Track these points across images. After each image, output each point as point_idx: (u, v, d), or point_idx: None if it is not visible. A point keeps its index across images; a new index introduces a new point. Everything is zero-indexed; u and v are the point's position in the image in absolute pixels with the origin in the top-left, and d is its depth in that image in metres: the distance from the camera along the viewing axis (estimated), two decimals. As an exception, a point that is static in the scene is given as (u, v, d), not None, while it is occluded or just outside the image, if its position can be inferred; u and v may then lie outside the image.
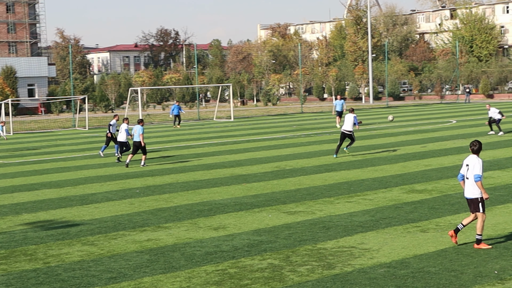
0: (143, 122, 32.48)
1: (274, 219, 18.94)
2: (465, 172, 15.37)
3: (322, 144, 39.52)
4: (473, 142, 15.50)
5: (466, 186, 15.34)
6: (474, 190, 15.19)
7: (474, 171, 15.11)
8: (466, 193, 15.36)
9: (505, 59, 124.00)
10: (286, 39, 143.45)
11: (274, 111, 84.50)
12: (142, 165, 31.84)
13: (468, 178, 15.28)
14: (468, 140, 37.98)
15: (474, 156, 15.36)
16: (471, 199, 15.26)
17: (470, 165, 15.26)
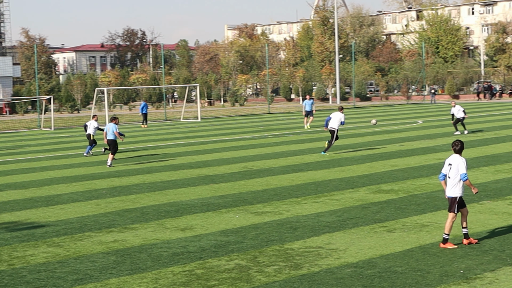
0: (116, 120, 32.54)
1: (241, 220, 18.93)
2: (447, 171, 15.45)
3: (290, 145, 39.59)
4: (455, 142, 15.60)
5: (448, 185, 15.43)
6: (455, 189, 15.30)
7: (460, 170, 15.21)
8: (447, 192, 15.45)
9: (470, 60, 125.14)
10: (253, 40, 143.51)
11: (241, 112, 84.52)
12: (109, 165, 31.72)
13: (450, 177, 15.36)
14: (435, 141, 38.29)
15: (457, 156, 15.47)
16: (449, 197, 15.38)
17: (453, 165, 15.34)
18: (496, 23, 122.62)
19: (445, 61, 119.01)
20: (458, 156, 15.43)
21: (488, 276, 13.06)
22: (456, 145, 15.53)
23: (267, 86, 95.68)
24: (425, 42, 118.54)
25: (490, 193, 21.78)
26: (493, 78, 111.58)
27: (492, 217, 18.18)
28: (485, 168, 27.25)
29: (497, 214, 18.51)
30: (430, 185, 23.75)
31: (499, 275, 13.07)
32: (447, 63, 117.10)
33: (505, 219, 17.80)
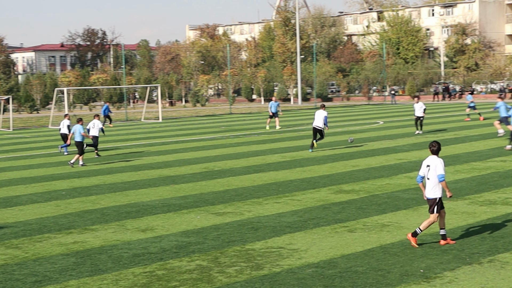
0: (82, 121, 32.66)
1: (202, 220, 18.90)
2: (425, 173, 15.50)
3: (251, 145, 39.61)
4: (432, 143, 15.70)
5: (427, 186, 15.48)
6: (435, 190, 15.36)
7: (438, 171, 15.28)
8: (426, 193, 15.50)
9: (430, 61, 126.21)
10: (214, 40, 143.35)
11: (202, 112, 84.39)
12: (70, 163, 31.67)
13: (429, 178, 15.41)
14: (396, 141, 38.54)
15: (434, 157, 15.54)
16: (429, 199, 15.44)
17: (431, 166, 15.40)
18: (456, 25, 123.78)
19: (406, 62, 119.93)
20: (436, 157, 15.52)
21: (448, 275, 13.18)
22: (433, 146, 15.63)
23: (228, 86, 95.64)
24: (386, 43, 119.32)
25: (450, 193, 21.95)
26: (453, 79, 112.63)
27: (451, 217, 18.34)
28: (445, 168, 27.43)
29: (456, 214, 18.68)
30: (391, 185, 23.91)
31: (458, 274, 13.20)
32: (407, 64, 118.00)
33: (464, 219, 17.97)
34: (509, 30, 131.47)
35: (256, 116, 73.54)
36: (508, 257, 14.22)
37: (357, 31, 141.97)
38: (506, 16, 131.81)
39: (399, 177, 25.77)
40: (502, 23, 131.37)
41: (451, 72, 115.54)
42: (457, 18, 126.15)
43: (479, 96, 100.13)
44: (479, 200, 20.55)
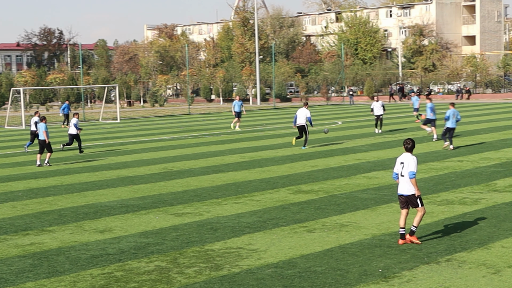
0: (45, 119, 32.58)
1: (161, 221, 18.84)
2: (399, 170, 15.68)
3: (210, 146, 39.56)
4: (406, 141, 15.86)
5: (401, 183, 15.66)
6: (410, 187, 15.54)
7: (409, 168, 15.44)
8: (401, 190, 15.68)
9: (388, 62, 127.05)
10: (173, 40, 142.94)
11: (161, 112, 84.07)
12: (46, 163, 31.95)
13: (403, 175, 15.59)
14: (354, 141, 38.75)
15: (408, 154, 15.73)
16: (408, 196, 15.59)
17: (405, 163, 15.59)
18: (413, 26, 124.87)
19: (364, 63, 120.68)
20: (410, 154, 15.71)
21: (406, 274, 13.28)
22: (407, 143, 15.82)
23: (187, 86, 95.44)
24: (344, 43, 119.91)
25: (408, 193, 22.13)
26: (410, 79, 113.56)
27: (410, 216, 18.42)
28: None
29: (414, 214, 18.72)
30: (350, 185, 24.03)
31: (416, 274, 13.31)
32: (366, 65, 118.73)
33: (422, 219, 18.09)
34: (465, 32, 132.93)
35: (215, 116, 73.46)
36: (465, 256, 14.37)
37: (316, 32, 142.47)
38: (462, 17, 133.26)
39: (357, 177, 25.91)
40: (459, 24, 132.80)
41: (408, 73, 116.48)
42: (415, 19, 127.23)
43: (436, 97, 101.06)
44: (437, 200, 20.74)
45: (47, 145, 32.06)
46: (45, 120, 32.58)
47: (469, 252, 14.73)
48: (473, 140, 37.57)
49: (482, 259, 14.13)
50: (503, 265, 13.71)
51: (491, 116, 57.39)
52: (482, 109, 69.47)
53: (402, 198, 15.69)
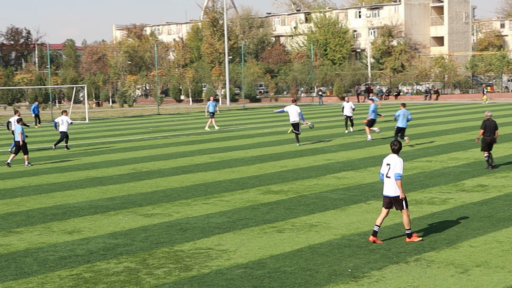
0: (22, 121, 32.55)
1: (130, 222, 18.77)
2: (385, 171, 15.76)
3: (179, 146, 39.47)
4: (393, 142, 16.00)
5: (387, 184, 15.74)
6: (396, 188, 15.63)
7: (395, 170, 15.51)
8: (386, 191, 15.76)
9: (357, 63, 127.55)
10: (142, 40, 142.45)
11: (130, 113, 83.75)
12: (26, 165, 31.93)
13: (389, 177, 15.67)
14: (324, 142, 38.85)
15: (394, 156, 15.83)
16: (394, 197, 15.66)
17: (391, 164, 15.69)
18: (382, 27, 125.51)
19: (333, 63, 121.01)
20: (396, 156, 15.83)
21: (375, 274, 13.34)
22: (394, 145, 15.96)
23: (156, 87, 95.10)
24: (314, 44, 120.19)
25: (377, 193, 22.23)
26: (379, 80, 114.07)
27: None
28: (372, 169, 27.83)
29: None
30: (319, 185, 24.10)
31: (385, 273, 13.37)
32: (335, 65, 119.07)
33: (391, 219, 18.19)
34: (433, 33, 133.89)
35: (184, 117, 73.31)
36: (433, 256, 14.47)
37: (285, 32, 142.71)
38: (431, 18, 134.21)
39: (327, 177, 25.99)
40: (427, 25, 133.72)
41: (377, 74, 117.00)
42: (383, 20, 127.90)
43: (405, 97, 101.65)
44: (406, 200, 20.83)
45: (22, 146, 31.86)
46: (21, 122, 32.56)
47: (438, 251, 14.83)
48: (441, 140, 37.83)
49: (451, 259, 14.24)
50: (471, 264, 13.82)
51: (459, 116, 57.82)
52: (450, 109, 69.96)
53: (387, 199, 15.81)
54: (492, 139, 26.62)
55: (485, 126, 26.66)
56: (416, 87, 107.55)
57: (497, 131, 26.90)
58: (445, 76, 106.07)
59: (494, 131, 26.62)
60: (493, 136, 26.62)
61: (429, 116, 60.03)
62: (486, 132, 26.59)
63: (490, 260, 14.05)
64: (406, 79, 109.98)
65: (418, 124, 49.87)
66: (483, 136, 26.65)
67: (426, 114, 63.28)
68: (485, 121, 26.77)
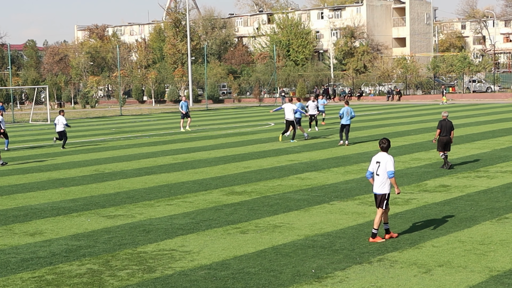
0: None
1: (93, 223, 18.65)
2: (375, 169, 15.81)
3: (142, 147, 39.31)
4: (382, 140, 16.02)
5: (376, 182, 15.81)
6: (384, 186, 15.73)
7: (388, 168, 15.59)
8: (375, 189, 15.87)
9: (320, 63, 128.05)
10: (104, 41, 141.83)
11: (92, 114, 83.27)
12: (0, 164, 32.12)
13: (378, 174, 15.73)
14: (287, 143, 38.92)
15: (384, 154, 15.87)
16: (379, 194, 15.80)
17: (381, 162, 15.72)
18: (344, 28, 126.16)
19: (296, 64, 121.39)
20: (386, 154, 15.87)
21: (339, 274, 13.39)
22: (383, 143, 15.98)
23: (118, 88, 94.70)
24: (276, 45, 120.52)
25: (340, 193, 22.34)
26: (342, 81, 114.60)
27: (342, 217, 18.65)
28: (335, 169, 27.93)
29: (347, 214, 19.00)
30: (282, 186, 24.13)
31: (349, 274, 13.42)
32: (298, 66, 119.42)
33: (354, 219, 18.29)
34: (395, 34, 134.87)
35: (147, 117, 73.05)
36: (397, 256, 14.55)
37: (248, 33, 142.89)
38: (392, 19, 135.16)
39: (290, 178, 26.03)
40: (389, 26, 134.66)
41: (340, 74, 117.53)
42: (346, 21, 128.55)
43: (368, 98, 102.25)
44: (369, 200, 20.95)
45: None
46: None
47: (401, 252, 14.92)
48: (403, 141, 38.07)
49: (413, 259, 14.33)
50: (433, 264, 13.92)
51: (421, 117, 58.25)
52: (412, 110, 70.46)
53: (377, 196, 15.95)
54: (448, 139, 27.06)
55: (441, 126, 27.16)
56: (379, 88, 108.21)
57: (453, 131, 27.37)
58: (407, 77, 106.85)
59: (450, 131, 27.06)
60: (449, 136, 27.05)
61: (391, 116, 60.42)
62: (442, 132, 27.07)
63: (452, 260, 14.17)
64: (369, 80, 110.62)
65: (380, 125, 50.18)
66: (440, 136, 27.08)
67: (388, 114, 63.69)
68: (441, 122, 27.26)
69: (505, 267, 13.57)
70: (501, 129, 42.82)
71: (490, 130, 41.62)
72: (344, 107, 36.58)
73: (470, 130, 43.50)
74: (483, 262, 13.99)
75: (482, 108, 70.64)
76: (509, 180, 24.06)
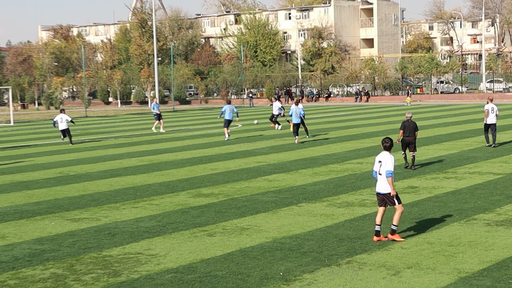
0: None
1: (57, 227, 18.47)
2: (378, 168, 15.92)
3: (108, 149, 39.10)
4: (384, 139, 16.18)
5: (379, 181, 15.95)
6: (386, 185, 15.84)
7: (386, 167, 15.70)
8: (378, 188, 15.99)
9: (288, 64, 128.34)
10: (68, 41, 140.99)
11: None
12: None
13: (381, 174, 15.86)
14: (254, 144, 38.93)
15: (386, 153, 16.03)
16: (385, 194, 15.87)
17: (382, 162, 15.88)
18: (312, 28, 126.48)
19: (264, 65, 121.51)
20: (388, 153, 16.04)
21: (307, 277, 13.37)
22: (386, 142, 16.18)
23: (83, 89, 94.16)
24: (244, 46, 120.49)
25: (308, 195, 22.34)
26: (310, 82, 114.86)
27: (310, 219, 18.65)
28: (303, 171, 27.95)
29: (315, 216, 19.00)
30: (250, 188, 24.09)
31: (317, 276, 13.40)
32: (265, 67, 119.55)
33: (322, 221, 18.29)
34: (363, 34, 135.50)
35: (112, 119, 72.68)
36: (365, 258, 14.56)
37: (215, 34, 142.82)
38: (360, 20, 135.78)
39: (258, 180, 26.01)
40: (357, 27, 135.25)
41: (308, 75, 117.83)
42: (313, 22, 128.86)
43: (336, 99, 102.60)
44: (337, 202, 20.98)
45: None
46: None
47: (370, 253, 14.93)
48: (372, 142, 38.22)
49: (382, 261, 14.35)
50: (402, 266, 13.95)
51: (389, 118, 58.53)
52: (380, 111, 70.79)
53: (379, 196, 16.05)
54: (412, 140, 27.50)
55: (404, 127, 27.67)
56: (347, 89, 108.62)
57: (417, 132, 27.82)
58: (375, 78, 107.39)
59: (414, 132, 27.50)
60: (413, 137, 27.49)
61: (359, 118, 60.65)
62: (405, 132, 27.55)
63: (421, 262, 14.21)
64: (337, 81, 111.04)
65: (348, 126, 50.34)
66: (403, 136, 27.53)
67: (356, 116, 63.93)
68: (405, 122, 27.76)
69: (474, 269, 13.63)
70: (469, 130, 43.13)
71: (458, 131, 41.91)
72: (293, 106, 39.00)
73: (438, 131, 43.78)
74: (452, 263, 14.05)
75: (450, 109, 71.16)
76: (477, 181, 24.22)
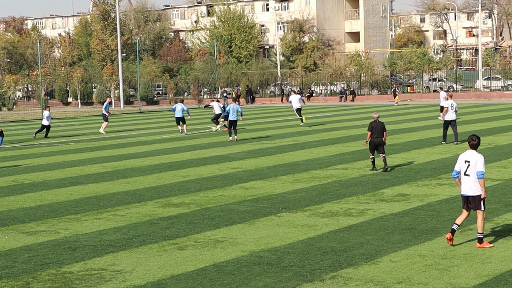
0: None
1: (11, 241, 18.43)
2: (463, 168, 15.91)
3: (67, 154, 39.01)
4: (472, 137, 16.12)
5: (466, 183, 15.91)
6: (476, 187, 15.84)
7: (478, 168, 15.69)
8: (465, 190, 15.98)
9: (266, 61, 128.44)
10: (22, 35, 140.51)
11: (10, 117, 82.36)
12: None
13: (469, 175, 15.81)
14: (229, 148, 38.97)
15: (474, 152, 15.95)
16: (473, 196, 15.87)
17: (471, 162, 15.80)
18: (292, 21, 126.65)
19: (239, 61, 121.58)
20: (476, 152, 15.99)
21: (288, 294, 13.42)
22: (473, 140, 16.08)
23: (40, 88, 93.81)
24: (217, 40, 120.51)
25: (289, 204, 22.41)
26: (290, 79, 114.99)
27: (291, 230, 18.71)
28: (283, 177, 28.03)
29: (296, 227, 19.06)
30: (225, 196, 24.13)
31: (299, 293, 13.47)
32: (241, 64, 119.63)
33: (304, 232, 18.36)
34: (348, 28, 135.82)
35: (72, 121, 72.49)
36: (351, 273, 14.64)
37: (185, 27, 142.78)
38: (345, 12, 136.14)
39: (233, 187, 26.05)
40: (342, 19, 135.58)
41: (288, 73, 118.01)
42: (294, 14, 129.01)
43: (319, 99, 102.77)
44: (320, 212, 21.06)
45: None
46: None
47: (356, 268, 15.01)
48: (357, 145, 38.34)
49: (370, 275, 14.43)
50: (391, 281, 14.03)
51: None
52: (367, 111, 70.95)
53: (466, 198, 16.06)
54: (379, 141, 28.52)
55: (371, 128, 28.66)
56: (330, 88, 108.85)
57: (386, 132, 28.82)
58: (361, 75, 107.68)
59: (382, 133, 28.55)
60: (381, 138, 28.50)
61: (344, 119, 60.82)
62: (373, 134, 28.57)
63: (412, 276, 14.30)
64: (319, 79, 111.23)
65: (332, 128, 50.50)
66: (371, 138, 28.51)
67: (341, 117, 64.11)
68: (372, 123, 28.79)
69: (470, 283, 13.74)
70: (464, 132, 43.34)
71: (451, 133, 42.17)
72: (230, 104, 44.48)
73: (431, 133, 44.00)
74: (446, 278, 14.15)
75: (444, 109, 71.32)
76: (474, 188, 24.36)
